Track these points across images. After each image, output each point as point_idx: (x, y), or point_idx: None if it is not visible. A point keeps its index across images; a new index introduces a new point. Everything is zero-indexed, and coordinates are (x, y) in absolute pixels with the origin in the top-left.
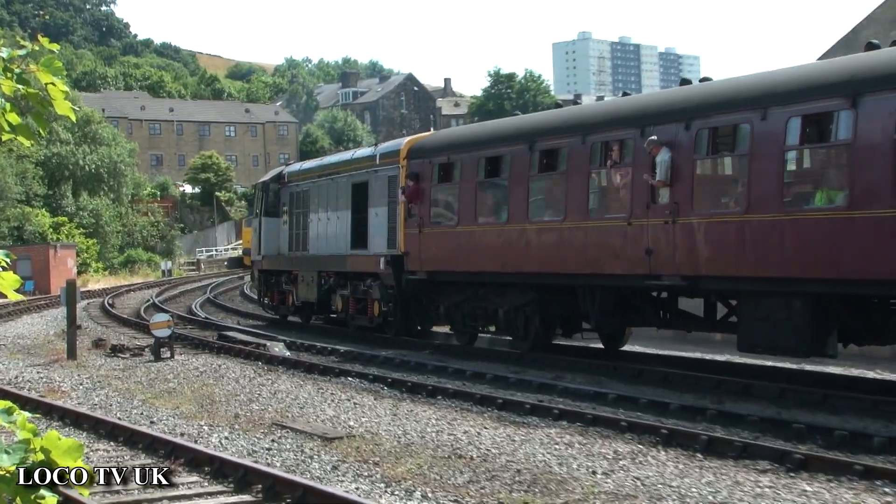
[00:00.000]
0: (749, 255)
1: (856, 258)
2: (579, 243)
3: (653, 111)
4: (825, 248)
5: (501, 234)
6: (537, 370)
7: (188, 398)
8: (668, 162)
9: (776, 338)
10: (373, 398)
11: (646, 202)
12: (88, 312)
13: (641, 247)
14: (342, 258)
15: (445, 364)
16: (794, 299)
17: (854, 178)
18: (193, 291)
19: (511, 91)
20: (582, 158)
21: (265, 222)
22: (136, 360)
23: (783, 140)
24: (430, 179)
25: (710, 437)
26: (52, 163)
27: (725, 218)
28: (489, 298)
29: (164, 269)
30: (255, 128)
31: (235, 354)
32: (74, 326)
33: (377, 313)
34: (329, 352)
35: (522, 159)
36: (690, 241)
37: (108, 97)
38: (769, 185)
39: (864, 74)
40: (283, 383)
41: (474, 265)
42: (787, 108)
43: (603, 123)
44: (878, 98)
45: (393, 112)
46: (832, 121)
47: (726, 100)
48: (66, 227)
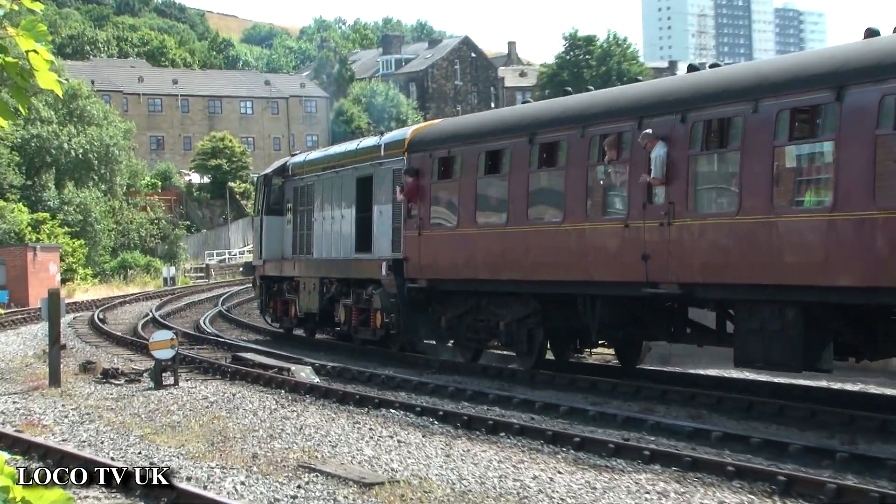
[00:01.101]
0: (741, 260)
1: (840, 264)
2: (577, 247)
3: (648, 101)
4: (814, 253)
5: (501, 237)
6: (622, 401)
7: (196, 434)
8: (664, 158)
9: (770, 351)
10: (421, 435)
11: (642, 202)
12: (75, 329)
13: (638, 251)
14: (345, 263)
15: (509, 393)
16: (787, 309)
17: (838, 178)
18: (202, 303)
19: (590, 58)
20: (581, 153)
21: (267, 221)
22: (132, 387)
23: (774, 134)
24: (430, 175)
25: (839, 486)
26: (31, 147)
27: (718, 220)
28: (491, 310)
29: (167, 276)
30: (276, 103)
31: (253, 381)
32: (58, 346)
33: (380, 325)
34: (367, 377)
35: (523, 153)
36: (685, 244)
37: (99, 66)
38: (758, 185)
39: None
40: (311, 416)
41: (473, 272)
42: (779, 101)
43: (602, 114)
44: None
45: (445, 84)
46: (820, 115)
47: (723, 90)
48: (47, 224)
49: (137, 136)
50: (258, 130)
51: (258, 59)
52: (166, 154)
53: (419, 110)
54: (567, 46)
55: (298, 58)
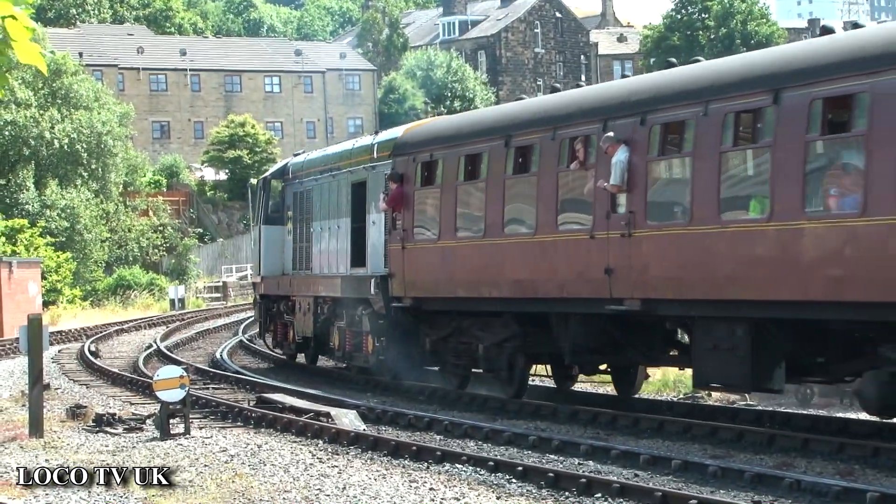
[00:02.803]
0: (695, 274)
1: (778, 277)
2: (549, 261)
3: (613, 102)
4: (760, 265)
5: (479, 250)
6: (751, 453)
7: (212, 497)
8: (624, 164)
9: (724, 370)
10: (495, 496)
11: (606, 211)
12: (60, 365)
13: (602, 264)
14: (338, 280)
15: (607, 444)
16: (738, 325)
17: (773, 186)
18: (217, 331)
19: (707, 17)
20: (552, 157)
21: (265, 232)
22: (132, 437)
23: (720, 139)
24: (413, 181)
25: None
26: (4, 136)
27: (673, 231)
28: (472, 332)
29: (174, 297)
30: (309, 79)
31: (283, 429)
32: (40, 386)
33: (371, 350)
34: (426, 424)
35: (500, 158)
36: (645, 257)
37: (88, 34)
38: (707, 193)
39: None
40: (356, 473)
41: (453, 290)
42: (725, 104)
43: (573, 115)
44: None
45: (522, 52)
46: (762, 119)
47: (678, 91)
48: (25, 233)
49: (136, 121)
50: (287, 113)
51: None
52: (173, 144)
53: (489, 85)
54: (678, 3)
55: (337, 21)
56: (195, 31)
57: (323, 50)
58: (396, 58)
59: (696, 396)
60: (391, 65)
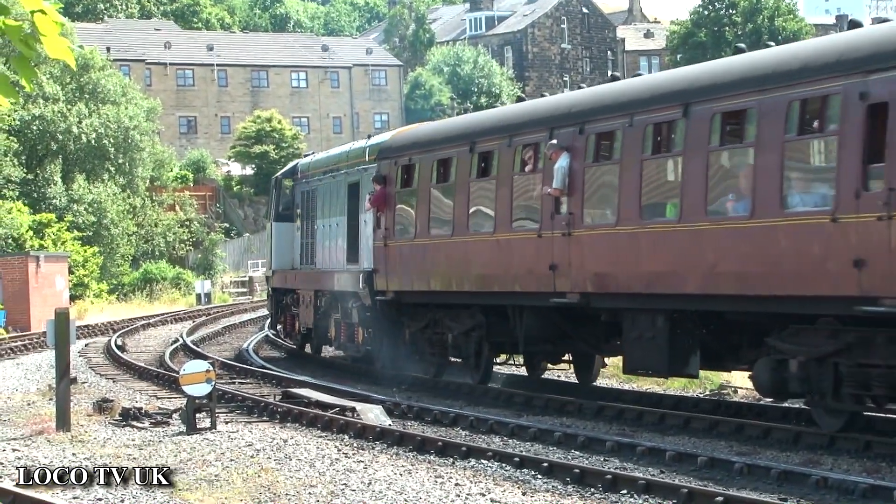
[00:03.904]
0: (621, 270)
1: (685, 272)
2: (505, 258)
3: (558, 112)
4: (673, 262)
5: (449, 248)
6: (777, 450)
7: (238, 491)
8: (565, 169)
9: (647, 357)
10: (520, 492)
11: (551, 212)
12: (88, 359)
13: (547, 261)
14: (335, 274)
15: (633, 440)
16: (658, 316)
17: (682, 190)
18: (244, 325)
19: (735, 12)
20: (508, 162)
21: (276, 228)
22: (158, 431)
23: (642, 148)
24: (394, 183)
25: None
26: (32, 131)
27: (604, 230)
28: (445, 323)
29: (200, 291)
30: (336, 74)
31: (309, 423)
32: (67, 380)
33: (361, 340)
34: (452, 419)
35: (465, 162)
36: (582, 254)
37: (116, 29)
38: (631, 197)
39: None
40: (381, 468)
41: (427, 284)
42: (646, 116)
43: (527, 124)
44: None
45: (549, 48)
46: (674, 130)
47: (610, 104)
48: (52, 228)
49: (163, 116)
50: (314, 108)
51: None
52: (199, 139)
53: (516, 81)
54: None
55: (364, 16)
56: (222, 27)
57: (349, 45)
58: (423, 53)
59: (723, 393)
60: (417, 60)
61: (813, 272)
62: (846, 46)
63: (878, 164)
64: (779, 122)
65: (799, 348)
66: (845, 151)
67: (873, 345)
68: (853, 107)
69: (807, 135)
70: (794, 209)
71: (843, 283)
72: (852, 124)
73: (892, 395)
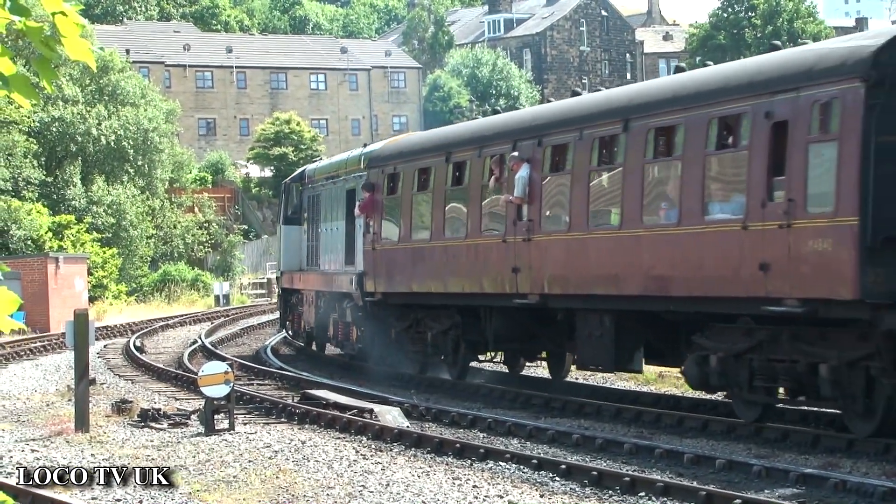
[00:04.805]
0: (573, 273)
1: (627, 276)
2: (475, 262)
3: (521, 126)
4: (615, 266)
5: (428, 252)
6: (796, 453)
7: (256, 492)
8: (526, 179)
9: (596, 354)
10: (538, 494)
11: (514, 219)
12: (106, 360)
13: (510, 265)
14: (333, 276)
15: (651, 443)
16: (605, 316)
17: (623, 199)
18: (262, 328)
19: (754, 15)
20: (478, 172)
21: (285, 231)
22: (177, 432)
23: (589, 160)
24: (381, 191)
25: None
26: (52, 132)
27: (558, 236)
28: (426, 322)
29: (219, 293)
30: (355, 76)
31: (327, 425)
32: (86, 381)
33: (355, 339)
34: (470, 421)
35: (442, 172)
36: (540, 258)
37: (135, 31)
38: (581, 205)
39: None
40: (399, 470)
41: (409, 286)
42: (593, 130)
43: (494, 136)
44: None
45: (568, 50)
46: (615, 144)
47: (563, 119)
48: (72, 229)
49: (183, 118)
50: (332, 110)
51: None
52: (218, 141)
53: (535, 83)
54: (724, 1)
55: (383, 18)
56: (241, 29)
57: (368, 47)
58: (441, 56)
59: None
60: (436, 63)
61: (729, 276)
62: (755, 70)
63: (780, 177)
64: (701, 138)
65: (719, 345)
66: (754, 165)
67: (779, 342)
68: (760, 125)
69: (723, 150)
70: (713, 217)
71: (753, 285)
72: (759, 140)
73: (796, 387)
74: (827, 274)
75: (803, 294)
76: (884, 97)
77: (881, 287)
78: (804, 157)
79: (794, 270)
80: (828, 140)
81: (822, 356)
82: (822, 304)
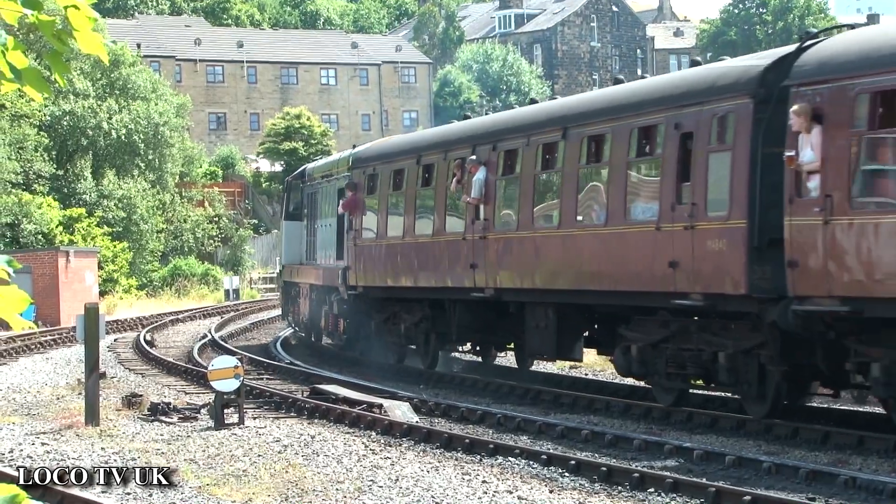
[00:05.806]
0: (521, 268)
1: (562, 271)
2: (440, 257)
3: (478, 132)
4: (555, 262)
5: (400, 248)
6: (806, 449)
7: (266, 486)
8: (482, 181)
9: (542, 344)
10: (548, 490)
11: (472, 218)
12: (116, 354)
13: (469, 261)
14: (324, 270)
15: (660, 439)
16: (548, 309)
17: (561, 201)
18: (272, 322)
19: (765, 11)
20: (443, 174)
21: (287, 227)
22: (187, 426)
23: (535, 164)
24: (363, 190)
25: None
26: (63, 126)
27: (508, 235)
28: (401, 315)
29: (229, 287)
30: (365, 71)
31: (336, 420)
32: (96, 375)
33: (342, 329)
34: (479, 416)
35: (413, 173)
36: (494, 255)
37: (146, 26)
38: (527, 206)
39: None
40: (408, 465)
41: (385, 280)
42: (539, 137)
43: (457, 141)
44: None
45: (578, 46)
46: (556, 150)
47: (513, 126)
48: (82, 223)
49: (193, 112)
50: (343, 105)
51: (343, 16)
52: (229, 135)
53: (545, 79)
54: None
55: (393, 14)
56: (252, 23)
57: (379, 42)
58: (452, 51)
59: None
60: (447, 58)
61: (646, 272)
62: (668, 85)
63: (687, 183)
64: (624, 146)
65: (639, 336)
66: (666, 171)
67: (689, 333)
68: (671, 135)
69: (642, 157)
70: (634, 219)
71: (664, 281)
72: (671, 149)
73: (702, 374)
74: (722, 271)
75: (704, 289)
76: (769, 112)
77: (766, 283)
78: (705, 164)
79: (697, 268)
80: (724, 150)
81: (721, 345)
82: (720, 298)
